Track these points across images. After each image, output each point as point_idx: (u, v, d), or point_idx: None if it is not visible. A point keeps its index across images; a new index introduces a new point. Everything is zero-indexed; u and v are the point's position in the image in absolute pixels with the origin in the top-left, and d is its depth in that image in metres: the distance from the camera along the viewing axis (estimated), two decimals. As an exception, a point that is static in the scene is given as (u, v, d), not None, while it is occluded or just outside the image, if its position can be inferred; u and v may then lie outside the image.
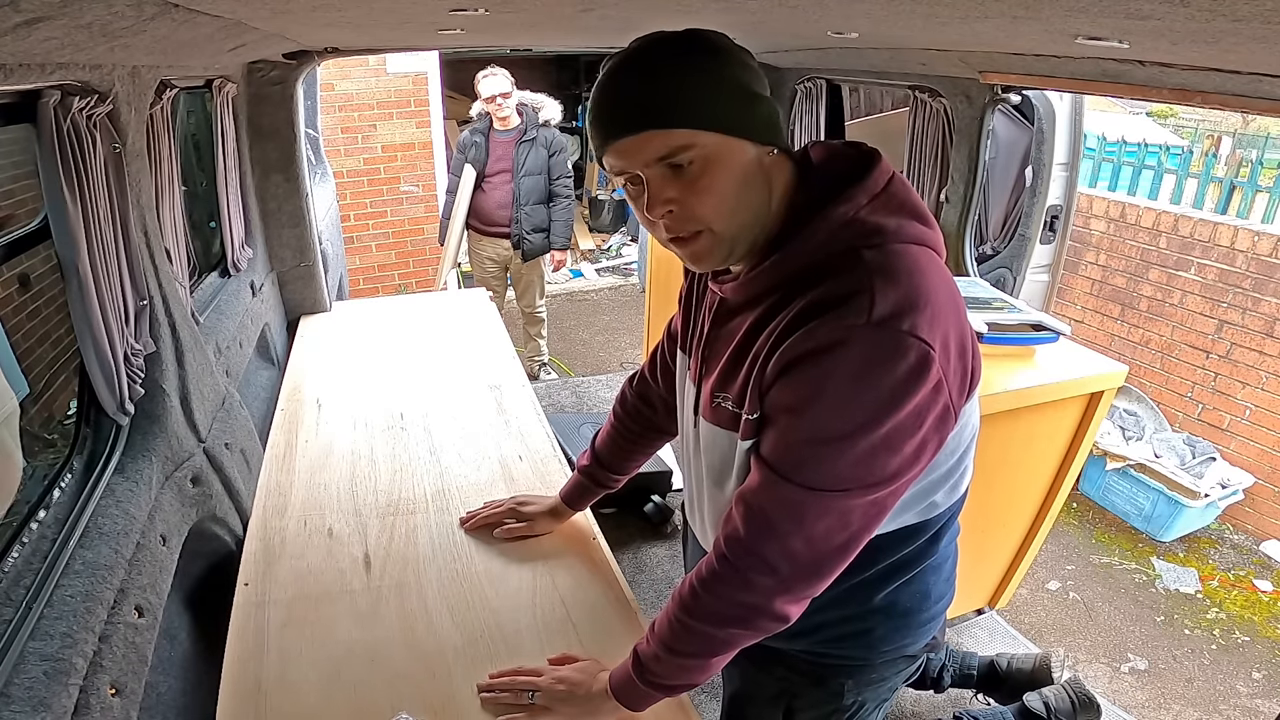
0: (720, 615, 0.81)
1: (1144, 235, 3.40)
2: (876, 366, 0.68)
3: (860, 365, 0.68)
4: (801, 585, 0.78)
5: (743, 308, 0.83)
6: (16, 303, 1.94)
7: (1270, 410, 3.04)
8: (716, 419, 0.86)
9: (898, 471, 0.73)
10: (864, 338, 0.68)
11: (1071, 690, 1.70)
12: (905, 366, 0.68)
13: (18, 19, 0.72)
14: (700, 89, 0.72)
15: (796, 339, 0.71)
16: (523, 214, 3.60)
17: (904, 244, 0.75)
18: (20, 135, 1.09)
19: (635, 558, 2.39)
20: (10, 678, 0.85)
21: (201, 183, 2.30)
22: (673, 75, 0.72)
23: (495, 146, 3.60)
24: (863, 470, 0.72)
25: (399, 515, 1.47)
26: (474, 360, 2.22)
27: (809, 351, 0.70)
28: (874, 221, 0.75)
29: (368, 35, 1.90)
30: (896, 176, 0.79)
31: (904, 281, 0.70)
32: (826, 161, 0.81)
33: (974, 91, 1.86)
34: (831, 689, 1.02)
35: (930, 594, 0.96)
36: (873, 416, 0.69)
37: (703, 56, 0.73)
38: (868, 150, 0.81)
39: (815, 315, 0.70)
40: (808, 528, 0.74)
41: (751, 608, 0.79)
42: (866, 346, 0.68)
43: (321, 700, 1.04)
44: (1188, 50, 1.01)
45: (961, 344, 0.74)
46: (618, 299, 5.66)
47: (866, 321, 0.67)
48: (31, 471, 1.27)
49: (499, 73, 3.49)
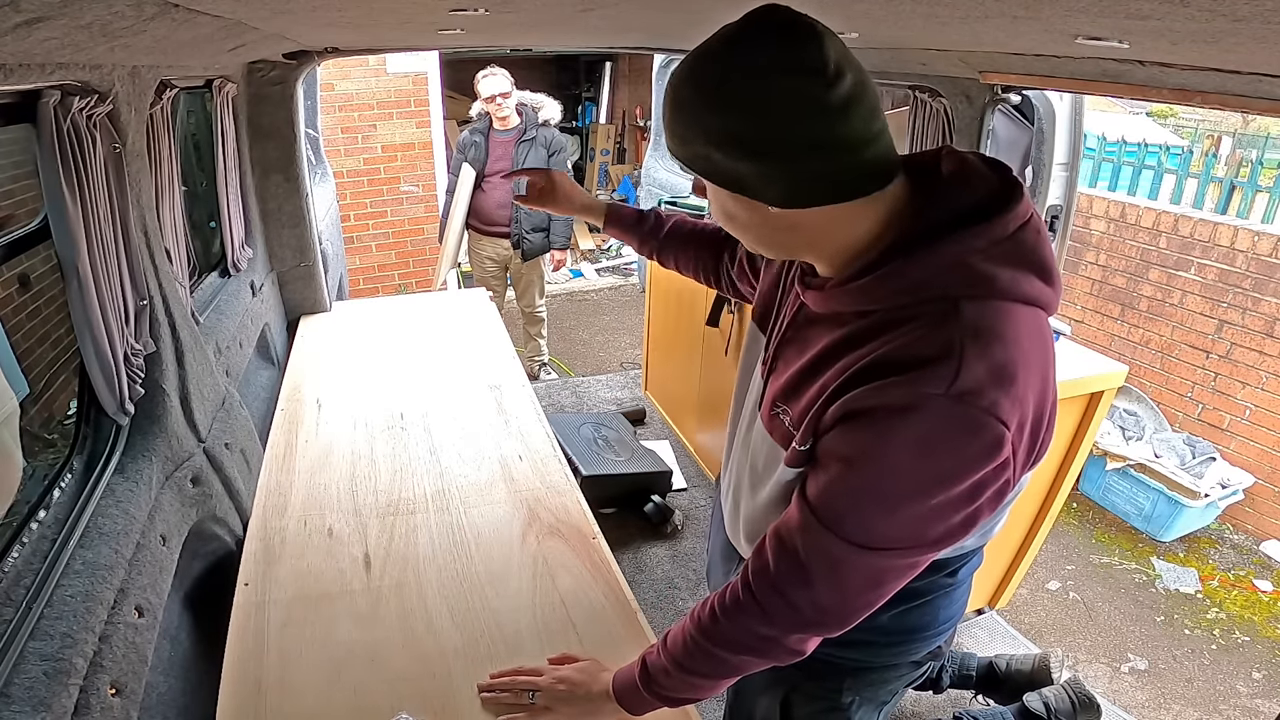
0: (737, 643, 0.80)
1: (1144, 235, 3.40)
2: (945, 441, 0.64)
3: (927, 435, 0.64)
4: (823, 630, 0.77)
5: (824, 320, 0.78)
6: (16, 303, 1.94)
7: (1270, 410, 3.04)
8: (771, 428, 0.84)
9: (943, 538, 0.69)
10: (938, 409, 0.63)
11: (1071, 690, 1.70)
12: (976, 446, 0.64)
13: (18, 19, 0.72)
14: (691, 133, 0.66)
15: (866, 391, 0.66)
16: (522, 213, 3.60)
17: (1012, 302, 0.67)
18: (20, 135, 1.09)
19: (635, 558, 2.39)
20: (10, 678, 0.85)
21: (201, 183, 2.30)
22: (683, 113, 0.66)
23: (495, 146, 3.61)
24: (908, 533, 0.68)
25: (399, 515, 1.47)
26: (474, 360, 2.22)
27: (877, 408, 0.65)
28: (986, 270, 0.66)
29: (368, 35, 1.90)
30: (1033, 220, 0.70)
31: (997, 352, 0.64)
32: (957, 179, 0.71)
33: (974, 91, 1.85)
34: (829, 685, 1.02)
35: (939, 616, 0.95)
36: (929, 486, 0.65)
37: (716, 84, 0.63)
38: (1010, 179, 0.71)
39: (893, 371, 0.65)
40: (840, 580, 0.72)
41: (770, 640, 0.78)
42: (939, 420, 0.63)
43: (321, 700, 1.04)
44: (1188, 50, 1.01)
45: (1038, 420, 0.68)
46: (618, 299, 5.66)
47: (945, 392, 0.62)
48: (31, 471, 1.27)
49: (499, 72, 3.50)
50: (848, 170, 0.65)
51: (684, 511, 2.66)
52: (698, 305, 2.61)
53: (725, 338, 2.40)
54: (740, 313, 2.29)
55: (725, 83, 0.62)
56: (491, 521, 1.46)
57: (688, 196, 2.95)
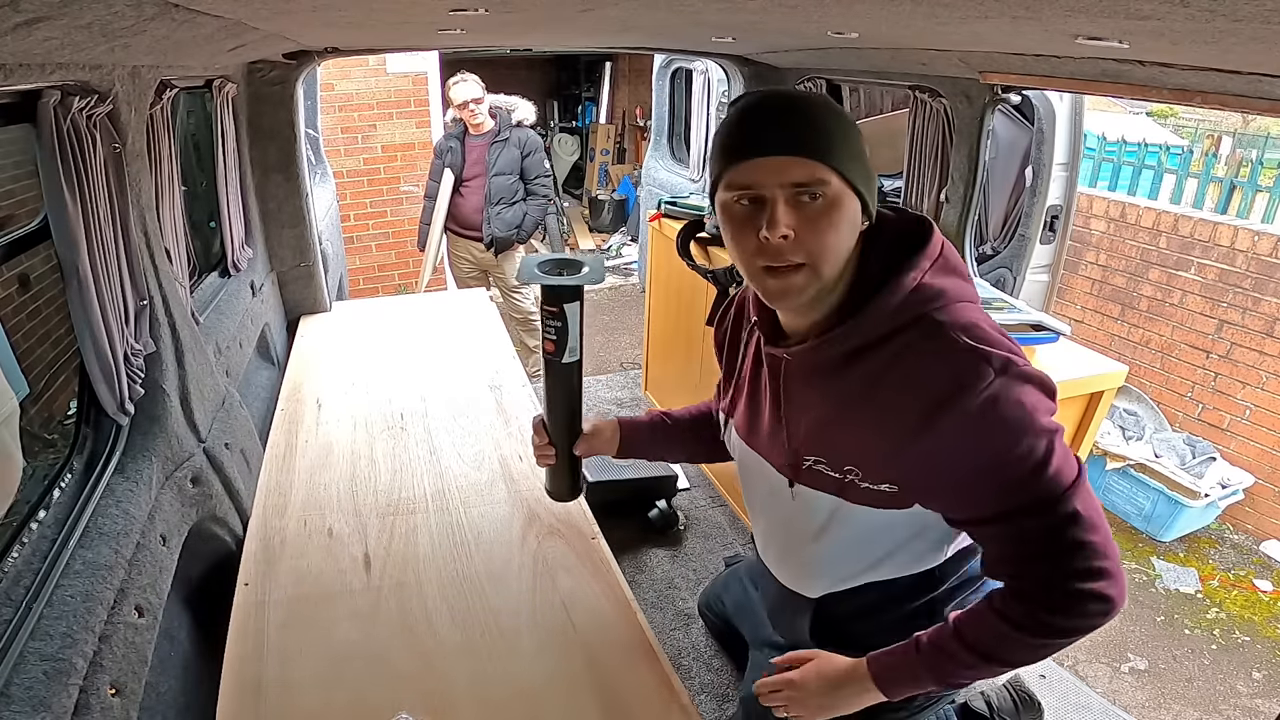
0: (1078, 629, 0.85)
1: (1144, 235, 3.40)
2: (1025, 398, 0.78)
3: (1018, 404, 0.78)
4: (1113, 554, 0.83)
5: (820, 372, 0.89)
6: (16, 303, 1.94)
7: (1270, 410, 3.04)
8: (811, 481, 0.93)
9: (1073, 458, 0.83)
10: (1007, 387, 0.77)
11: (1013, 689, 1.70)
12: (1040, 388, 0.80)
13: (18, 19, 0.72)
14: (846, 141, 0.81)
15: (951, 421, 0.78)
16: (492, 213, 3.62)
17: (960, 303, 0.84)
18: (20, 135, 1.09)
19: (635, 558, 2.39)
20: (10, 678, 0.85)
21: (201, 183, 2.30)
22: (827, 120, 0.81)
23: (470, 150, 3.63)
24: (1067, 459, 0.80)
25: (399, 515, 1.47)
26: (474, 360, 2.22)
27: (974, 423, 0.78)
28: (935, 285, 0.83)
29: (368, 35, 1.90)
30: (947, 241, 0.88)
31: (988, 333, 0.81)
32: (887, 228, 0.88)
33: (974, 91, 1.85)
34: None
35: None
36: (1045, 427, 0.79)
37: (847, 120, 0.83)
38: (919, 217, 0.89)
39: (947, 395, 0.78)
40: (1084, 519, 0.80)
41: (1106, 610, 0.83)
42: (1013, 391, 0.78)
43: (321, 700, 1.04)
44: (1188, 50, 1.01)
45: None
46: (618, 299, 5.66)
47: (995, 376, 0.77)
48: (31, 471, 1.27)
49: (470, 78, 3.51)
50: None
51: (685, 512, 2.65)
52: (698, 305, 2.61)
53: (725, 338, 2.41)
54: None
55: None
56: (491, 521, 1.46)
57: (688, 196, 2.95)
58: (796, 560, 1.06)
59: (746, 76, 2.85)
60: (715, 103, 3.73)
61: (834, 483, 0.91)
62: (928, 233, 0.87)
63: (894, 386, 0.83)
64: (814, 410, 0.91)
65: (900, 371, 0.82)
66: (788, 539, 1.05)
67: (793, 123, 0.80)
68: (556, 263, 1.09)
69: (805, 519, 0.98)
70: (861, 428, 0.86)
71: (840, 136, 0.80)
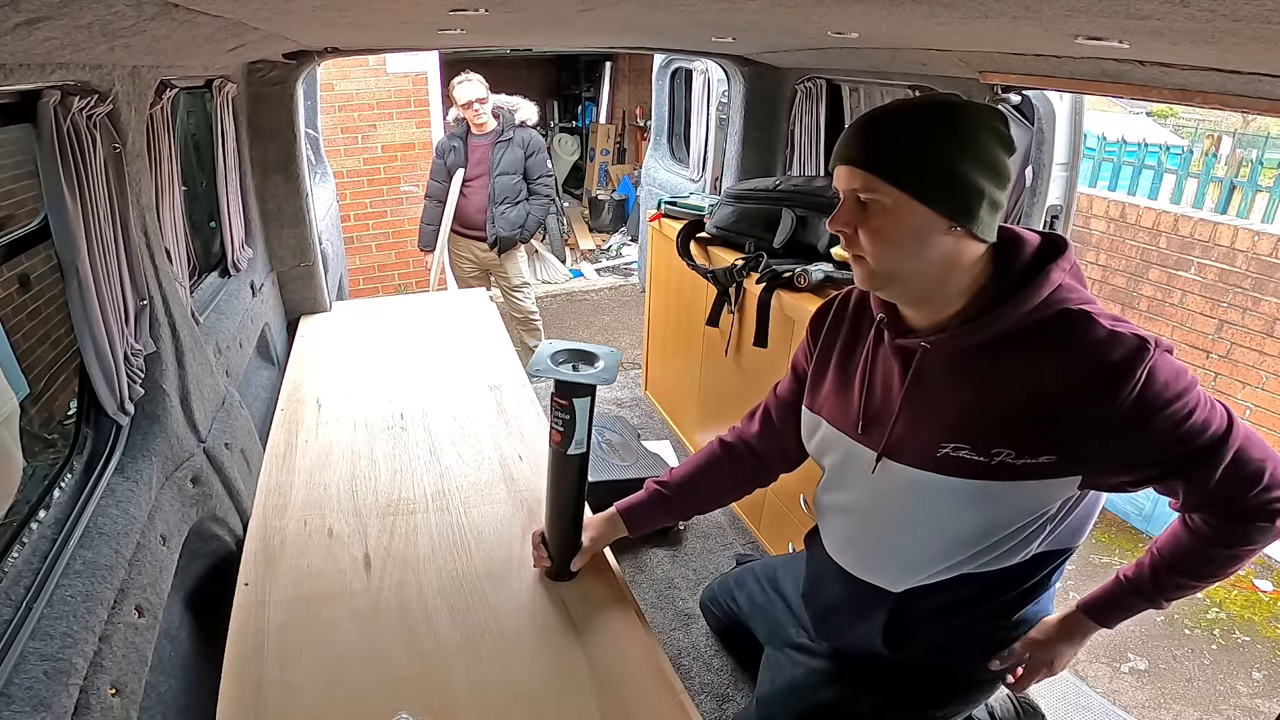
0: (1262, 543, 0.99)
1: (1144, 235, 3.40)
2: (1176, 365, 0.92)
3: (1174, 370, 0.91)
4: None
5: (964, 358, 0.97)
6: (16, 303, 1.94)
7: (1270, 410, 3.04)
8: (945, 468, 0.98)
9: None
10: (1162, 358, 0.90)
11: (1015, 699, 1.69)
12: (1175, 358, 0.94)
13: (18, 19, 0.72)
14: (922, 159, 0.88)
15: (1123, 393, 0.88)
16: (496, 213, 3.62)
17: (1089, 303, 0.95)
18: (20, 135, 1.09)
19: (635, 558, 2.39)
20: (10, 678, 0.85)
21: (201, 183, 2.30)
22: (901, 138, 0.89)
23: (473, 150, 3.62)
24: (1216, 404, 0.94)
25: (399, 515, 1.47)
26: (474, 360, 2.22)
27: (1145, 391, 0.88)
28: (1073, 285, 0.95)
29: (368, 35, 1.90)
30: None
31: (1124, 322, 0.93)
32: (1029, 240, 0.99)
33: (974, 91, 1.86)
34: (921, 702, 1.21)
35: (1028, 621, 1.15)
36: (1195, 381, 0.93)
37: (936, 140, 0.89)
38: (1059, 235, 1.00)
39: (1116, 370, 0.88)
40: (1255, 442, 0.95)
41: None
42: (1166, 360, 0.90)
43: (321, 700, 1.04)
44: (1188, 50, 1.01)
45: None
46: (618, 299, 5.66)
47: (1151, 353, 0.88)
48: (31, 471, 1.27)
49: (474, 78, 3.50)
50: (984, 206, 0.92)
51: (684, 511, 2.65)
52: (698, 305, 2.61)
53: (725, 338, 2.40)
54: (740, 313, 2.29)
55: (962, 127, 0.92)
56: (491, 521, 1.46)
57: (688, 196, 2.94)
58: (889, 550, 1.11)
59: (746, 76, 2.85)
60: (715, 103, 3.73)
61: (977, 467, 0.95)
62: (1065, 245, 0.97)
63: (1054, 368, 0.91)
64: (956, 396, 0.97)
65: (1059, 354, 0.91)
66: (885, 529, 1.10)
67: (864, 137, 0.92)
68: (571, 353, 1.13)
69: (923, 509, 1.03)
70: (1016, 408, 0.93)
71: (914, 155, 0.88)
